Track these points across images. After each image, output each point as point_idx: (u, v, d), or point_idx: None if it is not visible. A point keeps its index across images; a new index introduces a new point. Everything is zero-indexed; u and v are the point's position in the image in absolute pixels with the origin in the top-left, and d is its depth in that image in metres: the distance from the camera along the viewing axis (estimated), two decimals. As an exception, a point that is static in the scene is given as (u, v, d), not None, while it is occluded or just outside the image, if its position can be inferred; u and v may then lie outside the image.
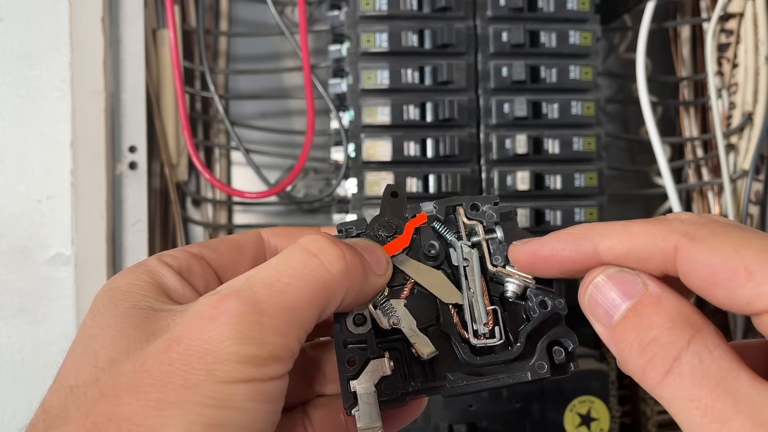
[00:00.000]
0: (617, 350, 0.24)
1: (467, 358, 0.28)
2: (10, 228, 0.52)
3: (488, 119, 0.52)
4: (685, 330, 0.22)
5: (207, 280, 0.29)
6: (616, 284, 0.25)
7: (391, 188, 0.31)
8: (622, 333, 0.24)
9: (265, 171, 0.60)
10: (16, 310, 0.52)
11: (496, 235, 0.30)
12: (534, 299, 0.28)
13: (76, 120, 0.51)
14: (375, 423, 0.27)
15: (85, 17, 0.51)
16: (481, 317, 0.29)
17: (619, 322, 0.24)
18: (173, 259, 0.29)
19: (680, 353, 0.22)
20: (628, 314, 0.24)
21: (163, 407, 0.22)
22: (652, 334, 0.23)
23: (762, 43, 0.59)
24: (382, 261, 0.28)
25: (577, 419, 0.52)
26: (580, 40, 0.53)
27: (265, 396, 0.24)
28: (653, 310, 0.23)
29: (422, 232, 0.30)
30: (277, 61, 0.65)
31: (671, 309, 0.23)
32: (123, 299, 0.26)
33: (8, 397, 0.51)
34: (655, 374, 0.22)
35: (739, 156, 0.61)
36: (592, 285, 0.25)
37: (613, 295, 0.24)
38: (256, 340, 0.23)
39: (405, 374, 0.28)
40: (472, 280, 0.29)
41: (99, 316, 0.26)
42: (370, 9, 0.51)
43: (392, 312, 0.28)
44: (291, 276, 0.25)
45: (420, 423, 0.51)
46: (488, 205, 0.30)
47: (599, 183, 0.53)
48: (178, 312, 0.25)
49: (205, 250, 0.30)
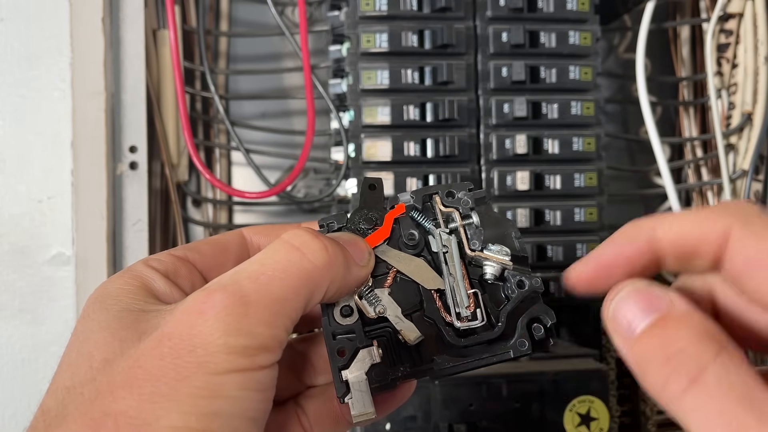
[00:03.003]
0: (637, 362, 0.24)
1: (451, 340, 0.29)
2: (11, 228, 0.52)
3: (488, 119, 0.53)
4: (711, 344, 0.22)
5: (193, 282, 0.30)
6: (643, 298, 0.24)
7: (368, 181, 0.32)
8: (645, 344, 0.23)
9: (266, 171, 0.60)
10: (17, 310, 0.52)
11: (473, 220, 0.31)
12: (512, 280, 0.30)
13: (76, 120, 0.51)
14: (368, 409, 0.28)
15: (86, 17, 0.51)
16: (463, 300, 0.30)
17: (643, 334, 0.24)
18: (159, 263, 0.29)
19: (707, 364, 0.22)
20: (653, 326, 0.24)
21: (156, 400, 0.23)
22: (678, 345, 0.23)
23: (761, 44, 0.59)
24: (364, 253, 0.29)
25: (576, 419, 0.52)
26: (580, 41, 0.53)
27: (255, 385, 0.24)
28: (680, 325, 0.23)
29: (401, 221, 0.31)
30: (277, 61, 0.65)
31: (698, 325, 0.23)
32: (113, 303, 0.27)
33: (8, 397, 0.51)
34: (678, 385, 0.22)
35: (739, 156, 0.61)
36: (617, 298, 0.25)
37: (638, 308, 0.24)
38: (245, 332, 0.24)
39: (393, 360, 0.29)
40: (452, 266, 0.30)
41: (90, 320, 0.26)
42: (370, 9, 0.51)
43: (377, 301, 0.29)
44: (275, 269, 0.25)
45: (420, 423, 0.51)
46: (463, 192, 0.31)
47: (599, 183, 0.53)
48: (168, 310, 0.26)
49: (189, 252, 0.31)
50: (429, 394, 0.51)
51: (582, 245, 0.53)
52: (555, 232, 0.53)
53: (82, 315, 0.27)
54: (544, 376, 0.52)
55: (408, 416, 0.51)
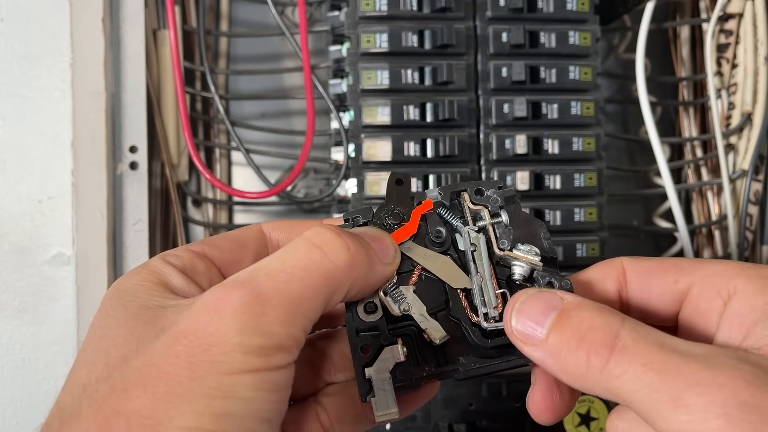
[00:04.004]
0: (553, 356, 0.25)
1: (478, 341, 0.29)
2: (11, 228, 0.52)
3: (488, 119, 0.53)
4: (614, 314, 0.24)
5: (211, 278, 0.29)
6: (537, 302, 0.26)
7: (396, 176, 0.31)
8: (555, 338, 0.25)
9: (266, 171, 0.60)
10: (17, 310, 0.52)
11: (502, 219, 0.30)
12: (541, 281, 0.29)
13: (76, 120, 0.51)
14: (391, 409, 0.27)
15: (86, 18, 0.51)
16: (491, 301, 0.29)
17: (550, 330, 0.25)
18: (177, 259, 0.29)
19: (618, 329, 0.23)
20: (556, 322, 0.25)
21: (170, 399, 0.22)
22: (587, 324, 0.24)
23: (761, 44, 0.59)
24: (390, 249, 0.29)
25: (576, 419, 0.52)
26: (580, 41, 0.53)
27: (270, 385, 0.24)
28: (580, 309, 0.25)
29: (428, 218, 0.30)
30: (277, 61, 0.65)
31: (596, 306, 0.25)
32: (131, 300, 0.26)
33: (8, 397, 0.51)
34: (600, 357, 0.23)
35: (739, 156, 0.61)
36: (514, 311, 0.26)
37: (538, 312, 0.25)
38: (261, 331, 0.23)
39: (417, 359, 0.29)
40: (481, 265, 0.29)
41: (107, 316, 0.26)
42: (370, 9, 0.51)
43: (402, 298, 0.29)
44: (295, 267, 0.25)
45: (420, 422, 0.51)
46: (492, 190, 0.31)
47: (599, 183, 0.53)
48: (185, 306, 0.25)
49: (207, 248, 0.30)
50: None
51: (582, 245, 0.53)
52: (555, 233, 0.53)
53: (99, 311, 0.27)
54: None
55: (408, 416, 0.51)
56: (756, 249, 0.60)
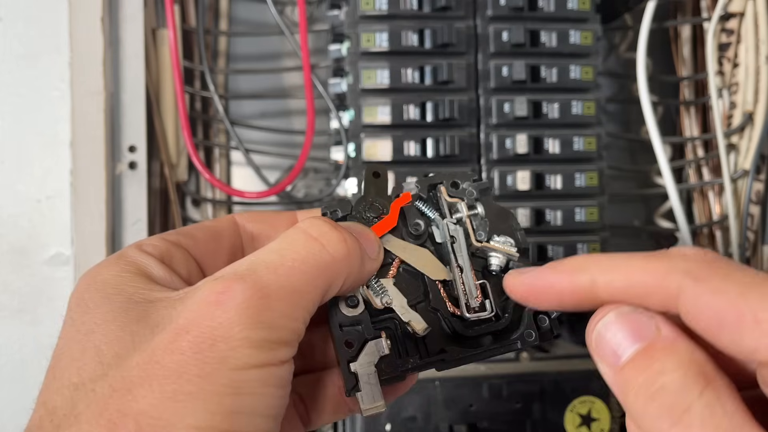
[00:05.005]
0: (622, 393, 0.23)
1: (460, 331, 0.29)
2: (10, 228, 0.52)
3: (488, 119, 0.52)
4: (697, 379, 0.21)
5: (188, 267, 0.29)
6: (628, 324, 0.23)
7: (373, 168, 0.31)
8: (629, 375, 0.22)
9: (265, 171, 0.60)
10: (16, 310, 0.51)
11: (478, 211, 0.31)
12: None
13: (75, 120, 0.51)
14: (378, 402, 0.27)
15: (85, 17, 0.51)
16: (472, 292, 0.29)
17: (627, 364, 0.23)
18: (154, 248, 0.28)
19: (691, 404, 0.21)
20: (637, 356, 0.22)
21: (180, 398, 0.22)
22: (662, 380, 0.22)
23: (762, 43, 0.59)
24: (375, 244, 0.29)
25: (577, 419, 0.52)
26: (581, 40, 0.53)
27: (277, 380, 0.24)
28: (665, 355, 0.22)
29: (406, 211, 0.31)
30: (277, 60, 0.65)
31: (684, 356, 0.22)
32: (114, 293, 0.25)
33: (8, 397, 0.51)
34: (661, 424, 0.21)
35: (740, 156, 0.61)
36: (601, 323, 0.24)
37: (623, 335, 0.23)
38: (266, 325, 0.23)
39: (400, 352, 0.29)
40: (461, 256, 0.30)
41: (89, 311, 0.25)
42: (370, 8, 0.51)
43: (384, 291, 0.29)
44: (295, 260, 0.25)
45: (420, 423, 0.51)
46: (467, 182, 0.31)
47: (600, 183, 0.53)
48: (177, 300, 0.24)
49: (182, 237, 0.29)
50: (429, 395, 0.51)
51: (583, 245, 0.52)
52: (556, 232, 0.53)
53: (77, 304, 0.25)
54: (545, 376, 0.52)
55: (408, 417, 0.51)
56: (757, 249, 0.60)
